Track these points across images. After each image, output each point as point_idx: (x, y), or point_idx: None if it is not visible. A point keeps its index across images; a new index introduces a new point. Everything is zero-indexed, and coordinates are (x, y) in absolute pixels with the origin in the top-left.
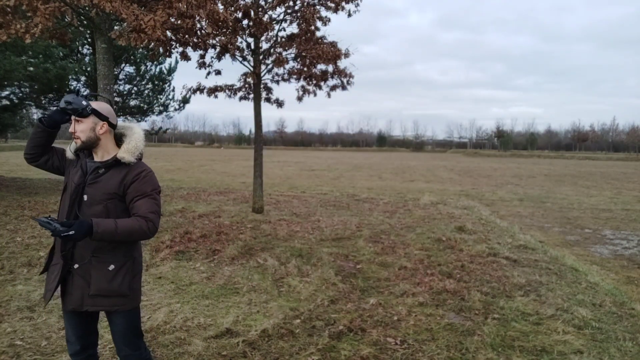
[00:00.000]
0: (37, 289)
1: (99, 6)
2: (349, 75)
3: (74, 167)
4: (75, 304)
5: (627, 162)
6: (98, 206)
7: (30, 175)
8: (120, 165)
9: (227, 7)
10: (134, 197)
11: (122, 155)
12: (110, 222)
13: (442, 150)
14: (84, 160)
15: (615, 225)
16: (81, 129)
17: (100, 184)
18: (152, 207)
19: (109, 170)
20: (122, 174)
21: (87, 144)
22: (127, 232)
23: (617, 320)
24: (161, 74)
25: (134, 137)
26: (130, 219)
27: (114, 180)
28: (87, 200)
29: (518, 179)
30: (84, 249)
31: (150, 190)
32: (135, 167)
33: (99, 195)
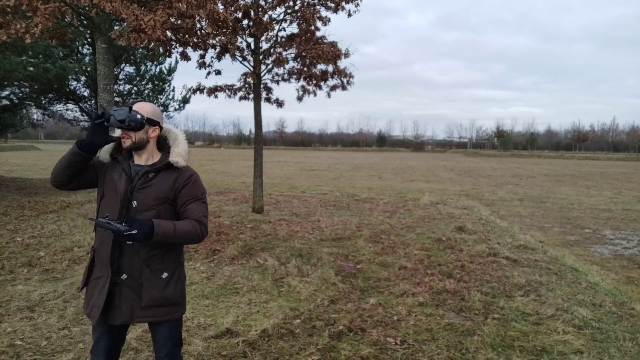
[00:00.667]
0: (37, 289)
1: (99, 6)
2: (349, 75)
3: (115, 172)
4: (124, 317)
5: (627, 162)
6: (149, 212)
7: (30, 175)
8: (170, 168)
9: (227, 7)
10: (186, 200)
11: (176, 160)
12: (169, 224)
13: (442, 150)
14: (126, 163)
15: (615, 225)
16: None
17: (151, 189)
18: (204, 211)
19: (158, 174)
20: (173, 177)
21: (138, 144)
22: (184, 235)
23: (617, 320)
24: (161, 74)
25: (181, 140)
26: (186, 221)
27: (165, 185)
28: (137, 206)
29: (518, 179)
30: (133, 258)
31: (200, 194)
32: (185, 170)
33: (150, 201)
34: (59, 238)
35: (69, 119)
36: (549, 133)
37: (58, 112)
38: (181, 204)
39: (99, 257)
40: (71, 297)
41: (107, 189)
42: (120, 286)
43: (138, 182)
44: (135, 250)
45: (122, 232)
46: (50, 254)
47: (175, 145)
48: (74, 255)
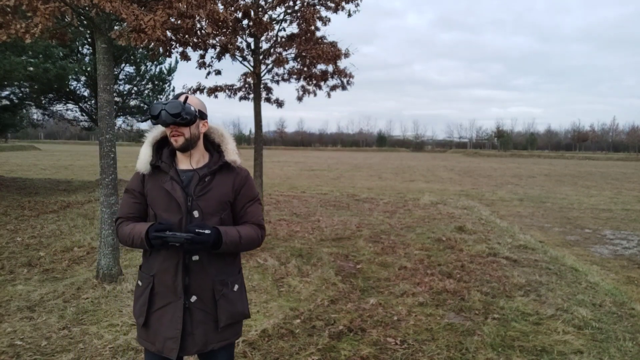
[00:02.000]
0: (37, 289)
1: (99, 6)
2: (349, 75)
3: (163, 182)
4: (199, 345)
5: (627, 162)
6: (212, 220)
7: (30, 175)
8: (225, 169)
9: (227, 7)
10: (245, 203)
11: (234, 158)
12: (234, 231)
13: (442, 150)
14: (173, 170)
15: (615, 225)
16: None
17: (211, 194)
18: (261, 214)
19: (215, 177)
20: (231, 178)
21: (190, 142)
22: (248, 242)
23: (617, 320)
24: (161, 74)
25: (228, 137)
26: (248, 226)
27: (225, 187)
28: (199, 216)
29: (518, 179)
30: (202, 276)
31: (256, 195)
32: (240, 170)
33: (213, 207)
34: (59, 238)
35: (69, 119)
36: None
37: (58, 112)
38: (240, 206)
39: (161, 282)
40: (71, 297)
41: (158, 205)
42: (190, 310)
43: (196, 189)
44: (204, 266)
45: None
46: (50, 254)
47: (225, 143)
48: (74, 255)
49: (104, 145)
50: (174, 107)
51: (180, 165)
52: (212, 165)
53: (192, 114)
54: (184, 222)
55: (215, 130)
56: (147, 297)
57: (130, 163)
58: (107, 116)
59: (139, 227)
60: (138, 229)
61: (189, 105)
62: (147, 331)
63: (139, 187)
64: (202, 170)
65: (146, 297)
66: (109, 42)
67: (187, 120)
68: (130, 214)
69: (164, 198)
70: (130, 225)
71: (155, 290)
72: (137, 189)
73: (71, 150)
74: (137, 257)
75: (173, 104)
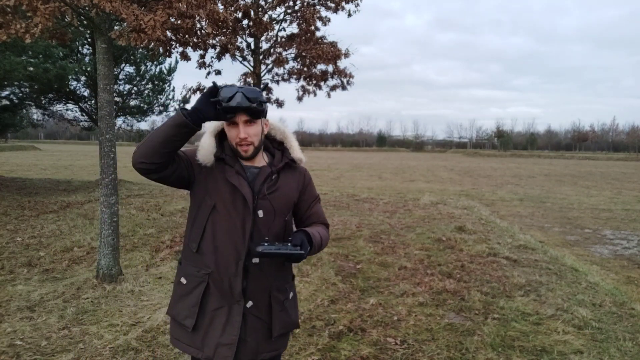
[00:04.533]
0: (37, 289)
1: (99, 6)
2: (349, 76)
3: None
4: (250, 354)
5: (627, 162)
6: (276, 222)
7: (30, 175)
8: (289, 168)
9: (227, 7)
10: (311, 203)
11: (300, 156)
12: (315, 233)
13: (442, 150)
14: (238, 164)
15: (615, 225)
16: (255, 131)
17: (279, 193)
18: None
19: (280, 176)
20: (295, 177)
21: (258, 149)
22: (325, 243)
23: (617, 320)
24: (161, 74)
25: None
26: (320, 227)
27: (291, 187)
28: (264, 216)
29: (518, 179)
30: (262, 280)
31: (318, 194)
32: (302, 168)
33: (280, 207)
34: (59, 238)
35: (69, 119)
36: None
37: (58, 112)
38: (306, 207)
39: (216, 283)
40: (71, 297)
41: (221, 197)
42: (245, 316)
43: (263, 187)
44: (263, 270)
45: (301, 256)
46: (50, 254)
47: (289, 140)
48: (74, 255)
49: (104, 145)
50: (252, 90)
51: (242, 161)
52: (276, 163)
53: (264, 103)
54: (248, 221)
55: (277, 128)
56: (198, 297)
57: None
58: (107, 116)
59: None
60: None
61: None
62: (193, 335)
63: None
64: (267, 168)
65: (198, 297)
66: (109, 42)
67: (261, 109)
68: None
69: (229, 192)
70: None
71: (209, 290)
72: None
73: (71, 150)
74: (137, 257)
75: (251, 88)
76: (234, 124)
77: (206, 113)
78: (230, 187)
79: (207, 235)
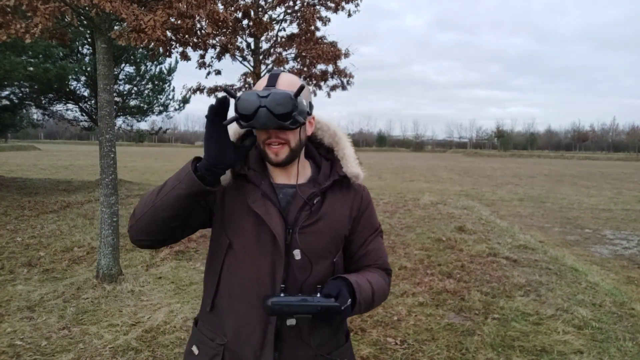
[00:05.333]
0: (37, 289)
1: (99, 6)
2: (349, 75)
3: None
4: None
5: (627, 162)
6: (321, 265)
7: (30, 175)
8: (340, 186)
9: (227, 7)
10: (367, 237)
11: (356, 172)
12: (365, 282)
13: (442, 150)
14: (266, 183)
15: (615, 225)
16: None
17: (324, 223)
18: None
19: (325, 198)
20: (348, 201)
21: (295, 153)
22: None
23: (617, 320)
24: (161, 74)
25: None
26: (375, 274)
27: (342, 213)
28: (301, 259)
29: (518, 179)
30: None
31: (379, 224)
32: (359, 187)
33: (324, 245)
34: (59, 238)
35: (69, 119)
36: (549, 133)
37: (58, 112)
38: (360, 242)
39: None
40: (71, 297)
41: (240, 232)
42: None
43: (300, 215)
44: (302, 334)
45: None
46: (50, 254)
47: (342, 146)
48: (74, 255)
49: (103, 145)
50: (280, 102)
51: (273, 175)
52: (322, 179)
53: (304, 113)
54: (278, 266)
55: (326, 128)
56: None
57: (130, 163)
58: (107, 116)
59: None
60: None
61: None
62: None
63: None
64: (308, 187)
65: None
66: (109, 42)
67: (299, 123)
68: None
69: (251, 224)
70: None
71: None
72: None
73: (71, 150)
74: (137, 257)
75: (279, 98)
76: None
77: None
78: (254, 216)
79: (222, 287)
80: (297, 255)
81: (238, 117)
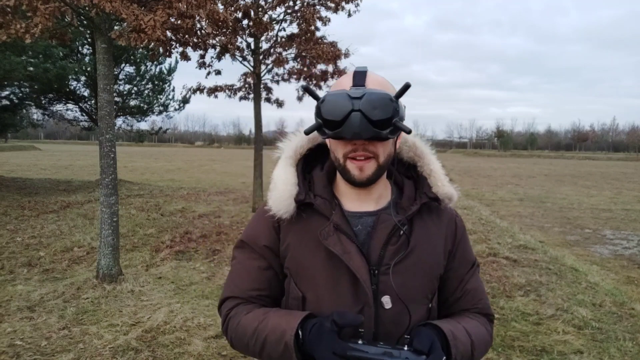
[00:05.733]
0: (37, 289)
1: (99, 6)
2: None
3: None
4: None
5: (627, 162)
6: (418, 312)
7: (30, 175)
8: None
9: (227, 7)
10: (464, 273)
11: (450, 192)
12: (462, 332)
13: (442, 150)
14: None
15: (615, 225)
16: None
17: (415, 260)
18: (485, 291)
19: (413, 227)
20: (441, 227)
21: (383, 171)
22: (480, 352)
23: (617, 320)
24: (161, 74)
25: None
26: (476, 321)
27: (434, 246)
28: (392, 307)
29: (518, 179)
30: None
31: (475, 257)
32: (450, 211)
33: (420, 286)
34: (59, 238)
35: (69, 119)
36: (549, 133)
37: (58, 112)
38: (456, 281)
39: None
40: (71, 297)
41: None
42: None
43: (386, 251)
44: None
45: None
46: (50, 254)
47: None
48: (74, 255)
49: (104, 145)
50: (378, 105)
51: (344, 202)
52: (406, 203)
53: (403, 119)
54: (365, 320)
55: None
56: None
57: (130, 163)
58: (107, 116)
59: (277, 320)
60: (275, 324)
61: (400, 103)
62: None
63: (271, 240)
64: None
65: None
66: (109, 42)
67: (399, 132)
68: (253, 292)
69: (326, 266)
70: (256, 313)
71: None
72: (268, 243)
73: (71, 150)
74: (137, 257)
75: (376, 100)
76: None
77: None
78: (326, 257)
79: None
80: (386, 303)
81: (321, 124)
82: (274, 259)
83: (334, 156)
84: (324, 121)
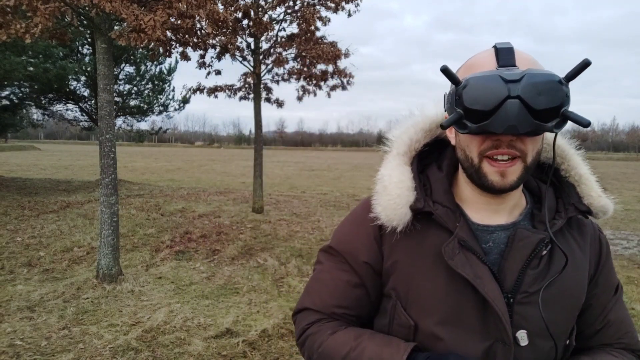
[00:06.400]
0: (37, 289)
1: (99, 6)
2: (349, 75)
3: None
4: None
5: (627, 162)
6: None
7: (30, 175)
8: (567, 225)
9: (227, 7)
10: (607, 301)
11: (605, 205)
12: None
13: None
14: (463, 224)
15: (615, 225)
16: (532, 144)
17: (560, 287)
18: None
19: (555, 246)
20: (584, 248)
21: (529, 174)
22: None
23: None
24: (161, 74)
25: (571, 151)
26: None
27: (578, 270)
28: (530, 344)
29: None
30: None
31: (618, 281)
32: (592, 225)
33: (564, 319)
34: (59, 238)
35: (69, 119)
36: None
37: (58, 112)
38: (598, 311)
39: None
40: (71, 297)
41: (429, 307)
42: None
43: (527, 275)
44: None
45: None
46: (50, 254)
47: (572, 164)
48: (74, 255)
49: (104, 145)
50: (544, 90)
51: (470, 211)
52: (548, 216)
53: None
54: (499, 357)
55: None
56: None
57: (130, 163)
58: (107, 116)
59: (375, 349)
60: (373, 354)
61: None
62: None
63: (373, 256)
64: (529, 229)
65: None
66: (109, 42)
67: (565, 124)
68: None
69: (446, 291)
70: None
71: None
72: (369, 260)
73: (71, 150)
74: (137, 257)
75: (541, 83)
76: None
77: None
78: (447, 278)
79: None
80: (522, 339)
81: (462, 116)
82: (371, 278)
83: (465, 154)
84: (466, 111)
